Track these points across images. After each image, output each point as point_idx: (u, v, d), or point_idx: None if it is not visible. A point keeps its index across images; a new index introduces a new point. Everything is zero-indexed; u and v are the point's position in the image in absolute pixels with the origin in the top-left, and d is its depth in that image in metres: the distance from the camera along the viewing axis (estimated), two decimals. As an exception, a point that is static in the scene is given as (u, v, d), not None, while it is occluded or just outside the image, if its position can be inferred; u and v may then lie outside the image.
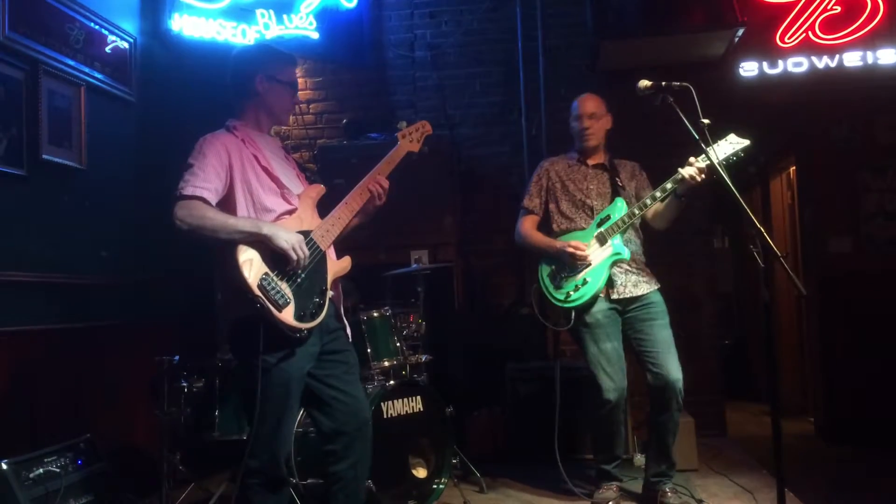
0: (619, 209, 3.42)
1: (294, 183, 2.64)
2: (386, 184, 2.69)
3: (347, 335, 2.69)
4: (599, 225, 3.42)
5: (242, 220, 2.41)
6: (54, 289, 3.49)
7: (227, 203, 2.47)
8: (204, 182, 2.38)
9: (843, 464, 4.26)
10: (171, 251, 4.17)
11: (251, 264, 2.32)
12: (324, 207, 2.67)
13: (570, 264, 3.38)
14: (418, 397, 3.43)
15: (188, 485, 3.59)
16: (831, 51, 4.64)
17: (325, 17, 4.92)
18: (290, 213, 2.53)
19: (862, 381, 4.63)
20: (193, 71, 4.54)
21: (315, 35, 4.87)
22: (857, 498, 3.57)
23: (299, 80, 5.33)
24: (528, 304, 4.96)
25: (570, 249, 3.34)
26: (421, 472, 3.36)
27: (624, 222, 3.35)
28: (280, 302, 2.32)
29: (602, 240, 3.38)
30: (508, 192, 4.86)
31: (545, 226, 3.60)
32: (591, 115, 3.53)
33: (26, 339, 3.29)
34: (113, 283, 3.84)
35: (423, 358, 3.71)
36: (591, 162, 3.59)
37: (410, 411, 3.38)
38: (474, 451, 4.12)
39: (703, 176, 3.14)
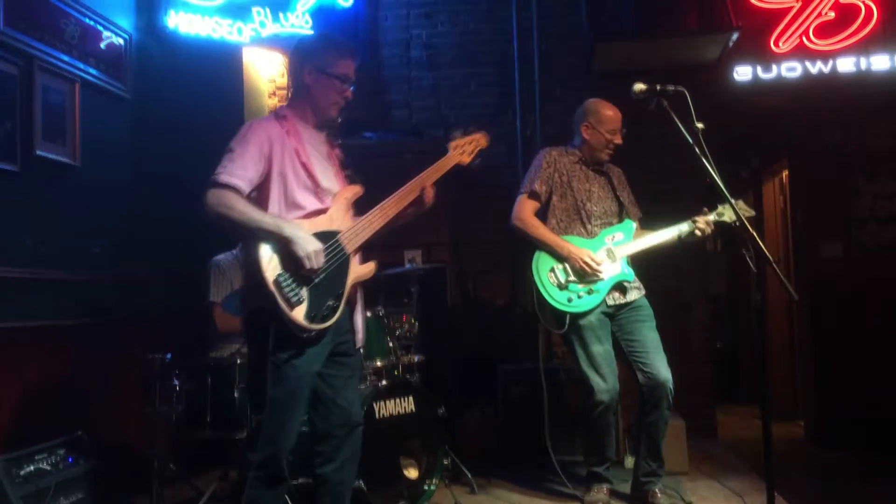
0: (630, 230, 3.50)
1: (332, 182, 2.62)
2: (433, 191, 2.70)
3: (357, 340, 2.69)
4: (610, 239, 3.46)
5: (268, 217, 2.40)
6: (47, 285, 3.47)
7: (260, 192, 2.48)
8: (241, 170, 2.38)
9: (833, 467, 4.28)
10: (164, 248, 4.17)
11: (270, 260, 2.34)
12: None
13: (578, 272, 3.40)
14: (410, 398, 3.42)
15: (179, 483, 3.58)
16: (825, 56, 4.67)
17: (321, 16, 4.91)
18: (320, 212, 2.52)
19: (852, 385, 4.65)
20: (189, 68, 4.52)
21: (311, 34, 4.86)
22: (847, 501, 3.59)
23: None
24: (523, 304, 5.00)
25: (588, 263, 3.35)
26: (412, 473, 3.36)
27: (636, 248, 3.43)
28: (293, 300, 2.33)
29: (611, 255, 3.42)
30: (503, 192, 4.85)
31: (540, 217, 3.56)
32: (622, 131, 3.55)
33: (18, 335, 3.28)
34: (106, 280, 3.82)
35: (416, 358, 3.71)
36: (593, 167, 3.61)
37: (402, 412, 3.37)
38: (466, 452, 4.11)
39: (711, 229, 3.38)
